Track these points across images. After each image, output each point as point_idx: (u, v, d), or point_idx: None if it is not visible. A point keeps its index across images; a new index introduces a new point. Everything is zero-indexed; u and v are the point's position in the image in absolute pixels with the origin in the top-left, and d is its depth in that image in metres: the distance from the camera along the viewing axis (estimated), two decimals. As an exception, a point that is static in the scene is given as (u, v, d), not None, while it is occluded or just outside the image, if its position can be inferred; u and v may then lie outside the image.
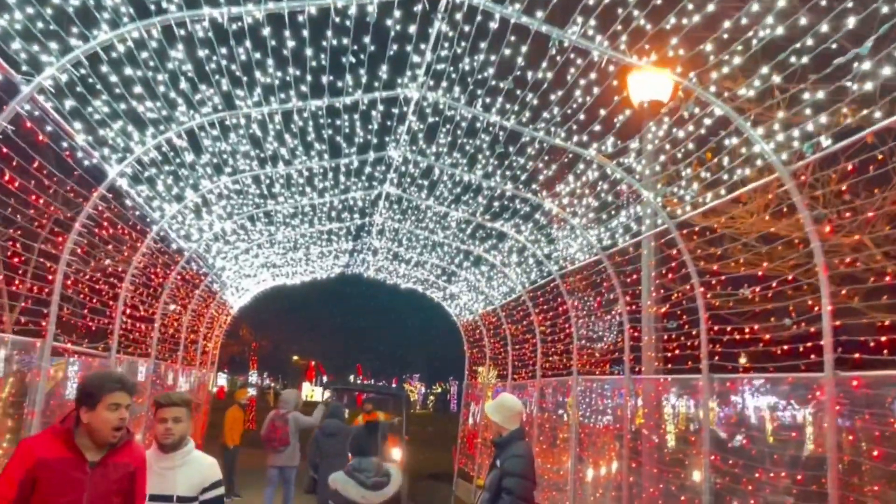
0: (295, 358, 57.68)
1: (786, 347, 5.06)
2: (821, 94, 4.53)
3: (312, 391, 54.99)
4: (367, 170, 7.94)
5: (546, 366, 10.61)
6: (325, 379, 56.36)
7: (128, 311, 7.22)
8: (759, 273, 5.89)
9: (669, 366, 6.88)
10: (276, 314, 41.31)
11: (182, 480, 3.74)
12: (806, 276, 5.04)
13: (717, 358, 5.99)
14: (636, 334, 7.72)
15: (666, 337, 7.05)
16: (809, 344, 4.84)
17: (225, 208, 8.26)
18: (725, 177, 5.26)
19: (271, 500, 9.89)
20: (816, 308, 4.76)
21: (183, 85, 5.56)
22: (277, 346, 46.68)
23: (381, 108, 6.50)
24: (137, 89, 5.43)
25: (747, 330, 5.56)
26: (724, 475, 5.81)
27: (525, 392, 11.61)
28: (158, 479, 3.64)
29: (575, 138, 6.16)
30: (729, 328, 5.74)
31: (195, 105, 5.92)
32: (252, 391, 41.27)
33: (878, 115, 4.38)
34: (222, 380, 59.27)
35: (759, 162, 4.93)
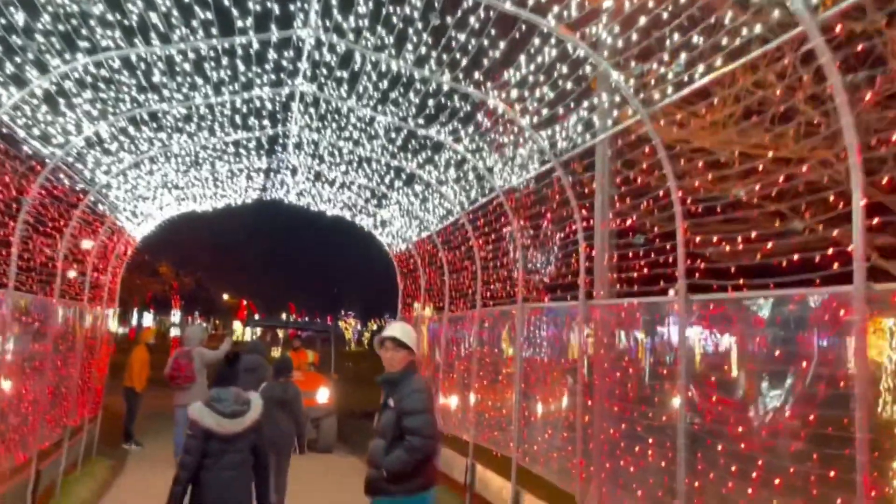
0: (225, 297, 55.65)
1: (795, 258, 4.02)
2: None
3: (244, 330, 53.40)
4: (273, 56, 6.45)
5: (487, 295, 9.53)
6: (256, 317, 54.75)
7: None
8: (759, 165, 4.84)
9: (635, 288, 5.83)
10: (197, 249, 39.12)
11: None
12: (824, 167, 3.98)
13: (697, 276, 4.95)
14: (593, 254, 6.66)
15: (631, 254, 5.98)
16: (829, 252, 3.78)
17: (94, 104, 6.64)
18: (725, 41, 4.07)
19: (182, 440, 8.70)
20: (842, 205, 3.70)
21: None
22: (202, 284, 44.59)
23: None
24: None
25: (740, 239, 4.50)
26: (705, 415, 4.84)
27: (463, 324, 10.55)
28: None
29: (530, 2, 4.85)
30: (715, 238, 4.70)
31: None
32: (176, 331, 39.44)
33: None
34: (149, 321, 56.81)
35: (776, 12, 3.76)
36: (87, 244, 9.61)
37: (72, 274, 9.13)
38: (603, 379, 6.18)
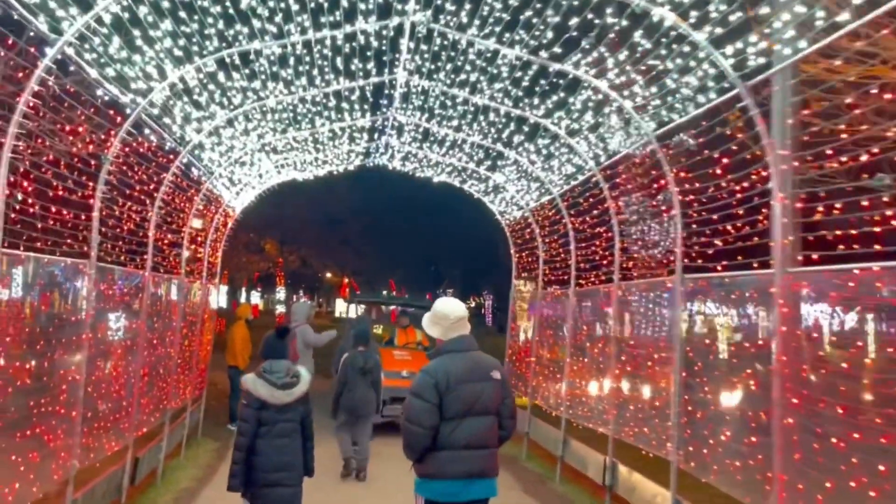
0: (328, 275, 56.14)
1: None
2: None
3: (346, 308, 53.77)
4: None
5: (629, 265, 8.09)
6: (356, 294, 55.10)
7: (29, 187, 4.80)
8: None
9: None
10: (300, 225, 39.13)
11: None
12: None
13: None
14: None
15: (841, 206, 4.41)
16: None
17: (176, 39, 5.65)
18: None
19: None
20: None
21: None
22: (306, 261, 44.86)
23: None
24: None
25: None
26: None
27: (596, 301, 9.13)
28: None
29: None
30: None
31: None
32: (282, 308, 39.87)
33: None
34: (256, 299, 58.26)
35: None
36: (197, 222, 8.85)
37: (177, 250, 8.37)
38: (816, 371, 4.66)
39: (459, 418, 4.35)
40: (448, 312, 4.62)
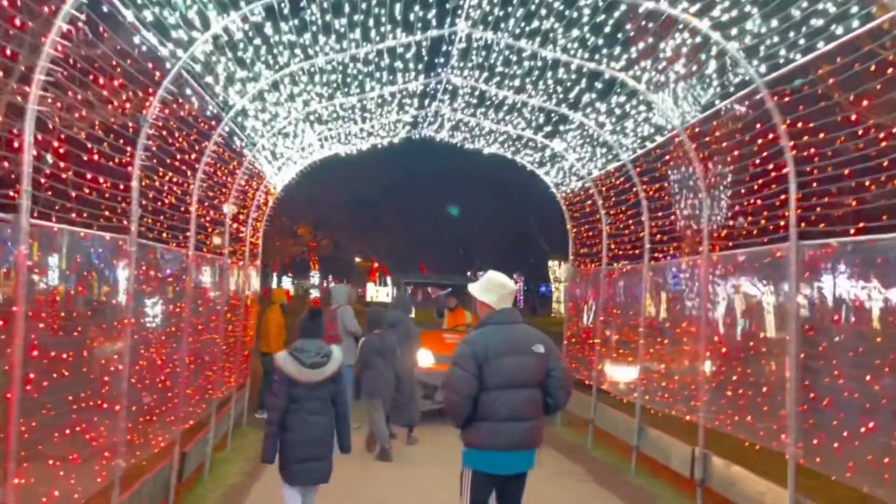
0: (357, 260, 55.63)
1: None
2: None
3: (377, 292, 53.12)
4: None
5: (722, 235, 7.24)
6: (388, 279, 54.49)
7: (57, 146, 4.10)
8: None
9: None
10: (332, 209, 38.56)
11: None
12: None
13: None
14: None
15: None
16: None
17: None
18: None
19: None
20: None
21: None
22: (338, 245, 44.28)
23: None
24: None
25: None
26: None
27: (683, 277, 8.30)
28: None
29: None
30: None
31: None
32: (315, 293, 39.52)
33: None
34: (287, 284, 58.06)
35: None
36: (228, 207, 8.17)
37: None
38: None
39: (500, 389, 4.46)
40: (505, 282, 4.79)
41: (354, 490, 7.72)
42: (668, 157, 7.95)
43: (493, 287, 4.74)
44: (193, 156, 6.72)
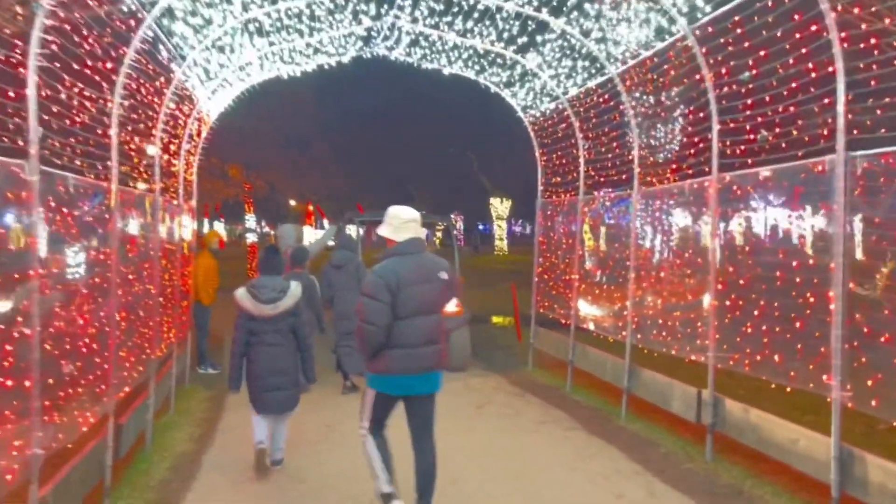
0: (292, 203, 53.55)
1: None
2: None
3: (315, 237, 51.54)
4: None
5: (730, 153, 6.40)
6: (325, 223, 52.68)
7: None
8: None
9: None
10: (265, 148, 36.36)
11: None
12: None
13: None
14: None
15: None
16: None
17: None
18: None
19: None
20: None
21: None
22: (274, 187, 42.19)
23: None
24: None
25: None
26: None
27: (673, 200, 7.48)
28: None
29: None
30: None
31: None
32: (252, 237, 37.73)
33: None
34: (220, 228, 55.47)
35: None
36: (152, 148, 6.81)
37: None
38: None
39: (411, 317, 4.70)
40: (398, 212, 4.97)
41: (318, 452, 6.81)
42: (666, 66, 6.99)
43: (388, 219, 4.96)
44: (110, 64, 5.37)
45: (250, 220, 37.61)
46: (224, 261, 11.09)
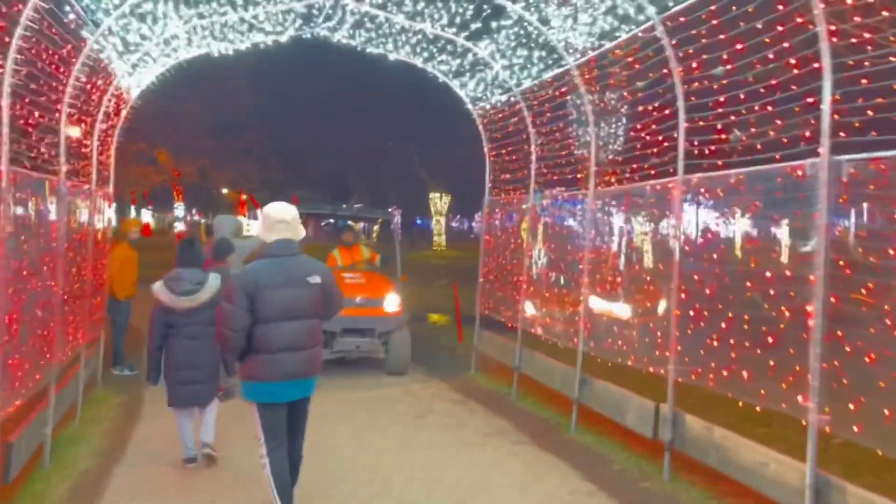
0: (225, 191, 51.76)
1: None
2: None
3: (248, 226, 49.89)
4: None
5: (698, 154, 6.01)
6: (258, 213, 51.13)
7: None
8: None
9: None
10: (197, 133, 34.75)
11: None
12: None
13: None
14: None
15: None
16: None
17: None
18: None
19: None
20: None
21: None
22: (205, 174, 40.43)
23: None
24: None
25: None
26: None
27: (632, 202, 7.07)
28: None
29: None
30: None
31: None
32: (180, 226, 36.17)
33: None
34: (147, 217, 53.08)
35: None
36: (74, 130, 5.95)
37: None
38: None
39: (275, 322, 4.52)
40: (269, 212, 4.73)
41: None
42: (632, 59, 6.55)
43: (261, 220, 4.77)
44: (2, 22, 4.54)
45: (179, 209, 35.90)
46: (151, 251, 10.20)
